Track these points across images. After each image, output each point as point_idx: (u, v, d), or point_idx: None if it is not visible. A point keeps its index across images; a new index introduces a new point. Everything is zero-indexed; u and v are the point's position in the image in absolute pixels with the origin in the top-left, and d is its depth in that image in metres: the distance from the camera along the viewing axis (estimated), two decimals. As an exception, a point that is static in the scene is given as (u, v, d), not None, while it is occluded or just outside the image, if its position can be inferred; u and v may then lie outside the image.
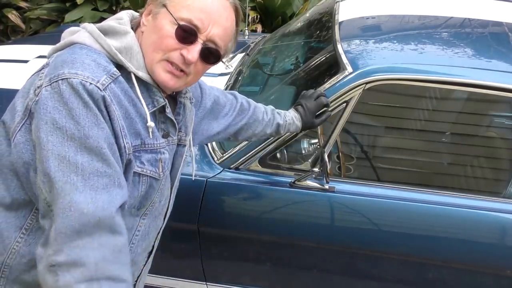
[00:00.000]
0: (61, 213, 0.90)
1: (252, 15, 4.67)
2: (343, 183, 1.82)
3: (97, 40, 1.01)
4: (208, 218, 1.85)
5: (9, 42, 3.76)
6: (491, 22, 2.20)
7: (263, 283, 2.03)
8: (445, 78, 1.74)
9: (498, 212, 1.78)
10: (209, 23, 1.02)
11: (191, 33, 1.01)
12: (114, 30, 1.04)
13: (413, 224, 1.82)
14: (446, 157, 2.04)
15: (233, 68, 2.50)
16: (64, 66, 0.94)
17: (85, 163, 0.91)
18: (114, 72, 0.99)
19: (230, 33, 1.09)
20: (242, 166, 1.84)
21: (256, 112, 1.53)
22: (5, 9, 4.81)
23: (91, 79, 0.93)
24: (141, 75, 1.03)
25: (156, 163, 1.08)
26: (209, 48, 1.05)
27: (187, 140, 1.21)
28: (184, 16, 1.01)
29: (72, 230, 0.89)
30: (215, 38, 1.04)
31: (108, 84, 0.96)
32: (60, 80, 0.92)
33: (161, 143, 1.09)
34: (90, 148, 0.92)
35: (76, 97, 0.91)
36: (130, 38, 1.04)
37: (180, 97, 1.19)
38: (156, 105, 1.07)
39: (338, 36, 1.97)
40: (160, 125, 1.11)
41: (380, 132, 2.08)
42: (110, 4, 4.66)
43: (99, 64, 0.97)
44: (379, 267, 1.91)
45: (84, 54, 0.98)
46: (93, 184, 0.92)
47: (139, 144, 1.03)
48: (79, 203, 0.90)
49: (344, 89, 1.74)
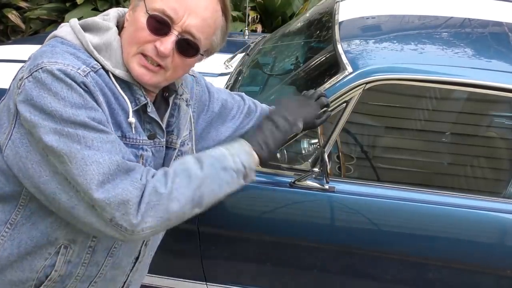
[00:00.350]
0: (79, 171, 0.91)
1: (252, 15, 4.67)
2: (343, 183, 1.82)
3: (77, 36, 1.00)
4: (208, 218, 1.84)
5: (9, 42, 3.76)
6: (491, 22, 2.20)
7: (263, 283, 2.03)
8: (445, 78, 1.74)
9: (498, 212, 1.78)
10: (184, 13, 0.98)
11: (164, 24, 0.98)
12: (97, 25, 1.03)
13: (413, 224, 1.81)
14: (446, 157, 2.04)
15: (233, 68, 2.50)
16: (43, 56, 0.94)
17: (85, 134, 0.92)
18: (94, 65, 0.98)
19: (211, 24, 1.03)
20: (242, 166, 1.83)
21: (263, 114, 1.51)
22: (5, 9, 4.81)
23: (72, 66, 0.93)
24: (118, 72, 1.01)
25: (136, 158, 1.04)
26: (185, 40, 1.00)
27: (178, 143, 1.18)
28: (157, 6, 0.97)
29: (96, 182, 0.91)
30: (191, 29, 0.99)
31: (88, 71, 0.95)
32: (40, 69, 0.92)
33: (144, 139, 1.06)
34: (82, 123, 0.92)
35: (59, 81, 0.91)
36: (110, 34, 1.02)
37: (176, 98, 1.16)
38: (138, 104, 1.04)
39: (338, 36, 1.97)
40: (145, 125, 1.08)
41: (380, 132, 2.08)
42: (110, 4, 4.66)
43: (78, 57, 0.97)
44: (379, 267, 1.91)
45: (64, 48, 0.98)
46: (98, 148, 0.92)
47: (119, 135, 1.01)
48: (93, 156, 0.91)
49: (344, 89, 1.73)
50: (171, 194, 0.97)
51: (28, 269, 1.06)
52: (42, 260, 1.05)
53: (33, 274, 1.06)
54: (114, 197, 0.92)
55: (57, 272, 1.06)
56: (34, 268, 1.06)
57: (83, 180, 0.91)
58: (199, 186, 1.00)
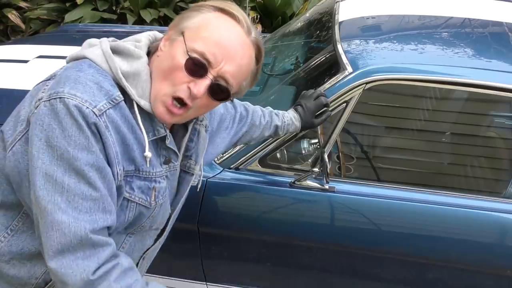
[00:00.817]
0: (45, 232, 0.92)
1: (252, 15, 4.67)
2: (343, 183, 1.82)
3: (107, 61, 0.99)
4: (208, 218, 1.85)
5: (9, 42, 3.76)
6: (491, 22, 2.20)
7: (263, 283, 2.03)
8: (445, 78, 1.74)
9: (498, 212, 1.78)
10: (222, 59, 0.97)
11: (201, 67, 0.97)
12: (129, 52, 1.01)
13: (413, 224, 1.82)
14: (446, 157, 2.04)
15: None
16: (66, 84, 0.93)
17: (72, 185, 0.91)
18: (116, 97, 0.96)
19: (245, 71, 1.04)
20: (242, 166, 1.84)
21: (254, 117, 1.51)
22: (5, 9, 4.81)
23: (88, 103, 0.92)
24: (143, 104, 1.00)
25: (149, 191, 1.05)
26: (218, 85, 1.00)
27: (196, 169, 1.18)
28: (198, 48, 0.96)
29: (54, 250, 0.91)
30: (226, 75, 0.99)
31: (106, 110, 0.94)
32: (59, 99, 0.91)
33: (158, 171, 1.06)
34: (77, 170, 0.91)
35: (71, 118, 0.90)
36: (141, 64, 1.00)
37: (196, 124, 1.16)
38: (157, 135, 1.04)
39: (338, 36, 1.97)
40: (161, 152, 1.07)
41: (380, 132, 2.08)
42: (110, 4, 4.66)
43: (101, 88, 0.95)
44: (379, 267, 1.91)
45: (90, 75, 0.96)
46: (76, 206, 0.92)
47: (132, 169, 1.01)
48: (60, 223, 0.91)
49: (344, 89, 1.74)
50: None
51: (28, 274, 1.06)
52: (44, 266, 1.05)
53: (33, 280, 1.06)
54: (61, 274, 0.93)
55: None
56: (34, 275, 1.06)
57: (45, 241, 0.93)
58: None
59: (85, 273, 0.93)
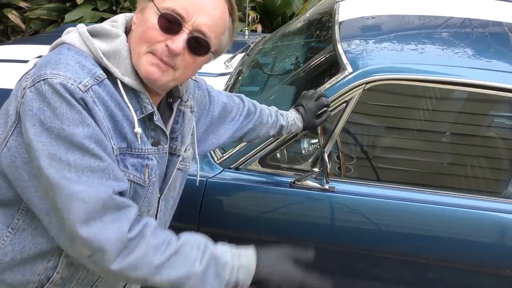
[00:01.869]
0: (66, 207, 0.91)
1: (252, 15, 4.67)
2: (343, 183, 1.82)
3: (85, 42, 0.99)
4: (208, 218, 1.85)
5: (9, 42, 3.76)
6: (491, 22, 2.20)
7: (263, 283, 2.02)
8: (445, 78, 1.74)
9: (498, 212, 1.78)
10: (194, 12, 0.98)
11: (175, 23, 0.97)
12: (106, 32, 1.02)
13: (413, 224, 1.82)
14: (446, 157, 2.04)
15: (233, 68, 2.50)
16: (47, 66, 0.93)
17: (77, 160, 0.91)
18: (99, 75, 0.96)
19: (221, 24, 1.03)
20: (242, 166, 1.84)
21: (261, 115, 1.51)
22: (5, 9, 4.81)
23: (73, 80, 0.92)
24: (127, 80, 1.00)
25: (142, 168, 1.04)
26: (196, 38, 0.99)
27: (182, 150, 1.17)
28: (168, 6, 0.97)
29: (81, 221, 0.91)
30: (202, 28, 0.99)
31: (90, 85, 0.94)
32: (42, 81, 0.91)
33: (149, 148, 1.06)
34: (78, 145, 0.91)
35: (58, 96, 0.90)
36: (120, 42, 1.01)
37: (181, 105, 1.16)
38: (144, 112, 1.03)
39: (338, 36, 1.97)
40: (149, 133, 1.07)
41: (380, 132, 2.08)
42: (110, 4, 4.66)
43: (83, 66, 0.95)
44: (379, 267, 1.91)
45: (70, 56, 0.96)
46: (87, 179, 0.92)
47: (125, 147, 1.01)
48: (78, 193, 0.90)
49: (344, 89, 1.74)
50: (161, 267, 0.97)
51: (30, 272, 1.05)
52: (45, 262, 1.04)
53: (35, 277, 1.05)
54: (96, 241, 0.92)
55: (59, 274, 1.06)
56: (36, 271, 1.05)
57: (68, 215, 0.91)
58: (188, 278, 0.99)
59: (121, 233, 0.93)
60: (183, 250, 0.99)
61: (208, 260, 1.00)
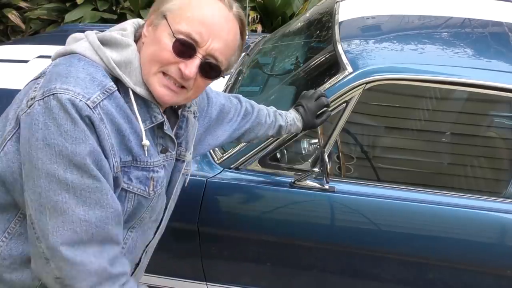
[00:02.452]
0: (55, 231, 0.91)
1: (252, 15, 4.67)
2: (343, 183, 1.82)
3: (97, 52, 0.99)
4: (208, 218, 1.85)
5: (9, 42, 3.76)
6: (491, 22, 2.20)
7: (263, 283, 2.03)
8: (445, 78, 1.74)
9: (498, 212, 1.78)
10: (209, 37, 0.98)
11: (189, 47, 0.97)
12: (116, 41, 1.01)
13: (413, 224, 1.81)
14: (446, 157, 2.04)
15: (233, 68, 2.50)
16: (57, 79, 0.93)
17: (75, 180, 0.91)
18: (110, 87, 0.96)
19: (232, 47, 1.04)
20: (242, 166, 1.84)
21: (259, 115, 1.51)
22: (5, 9, 4.81)
23: (82, 96, 0.91)
24: (139, 91, 1.00)
25: (147, 181, 1.04)
26: (209, 63, 1.00)
27: (187, 156, 1.18)
28: (183, 30, 0.96)
29: (67, 245, 0.91)
30: (215, 53, 1.00)
31: (99, 101, 0.93)
32: (52, 95, 0.90)
33: (155, 161, 1.06)
34: (79, 165, 0.90)
35: (65, 113, 0.89)
36: (131, 52, 1.00)
37: (184, 111, 1.16)
38: (154, 122, 1.04)
39: (338, 36, 1.97)
40: (158, 140, 1.08)
41: (380, 132, 2.08)
42: (110, 4, 4.66)
43: (94, 79, 0.94)
44: (379, 267, 1.91)
45: (81, 67, 0.95)
46: (85, 200, 0.92)
47: (130, 160, 1.01)
48: (72, 222, 0.91)
49: (344, 89, 1.74)
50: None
51: (30, 278, 1.05)
52: None
53: (36, 282, 1.05)
54: (74, 266, 0.92)
55: None
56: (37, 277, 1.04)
57: (52, 237, 0.91)
58: None
59: (102, 268, 0.94)
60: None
61: None
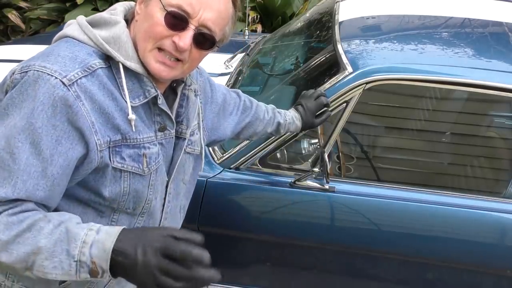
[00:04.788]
0: None
1: (252, 15, 4.66)
2: (343, 183, 1.82)
3: (85, 32, 1.00)
4: (208, 218, 1.85)
5: (9, 42, 3.76)
6: (491, 22, 2.20)
7: (263, 283, 2.03)
8: (445, 78, 1.74)
9: (498, 212, 1.78)
10: (200, 8, 0.98)
11: (181, 19, 0.98)
12: (105, 20, 1.02)
13: (413, 224, 1.81)
14: (446, 157, 2.04)
15: (233, 68, 2.50)
16: (39, 58, 0.95)
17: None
18: (92, 65, 0.96)
19: (225, 17, 1.04)
20: (242, 166, 1.84)
21: (258, 110, 1.52)
22: (5, 9, 4.81)
23: (58, 73, 0.92)
24: (129, 64, 1.00)
25: (139, 158, 1.04)
26: (202, 34, 1.00)
27: (187, 134, 1.18)
28: (174, 2, 0.97)
29: None
30: (207, 23, 1.00)
31: (76, 79, 0.93)
32: (28, 71, 0.93)
33: (146, 137, 1.05)
34: (8, 137, 0.90)
35: (33, 89, 0.91)
36: (119, 28, 1.01)
37: (185, 89, 1.16)
38: (148, 96, 1.03)
39: (338, 36, 1.97)
40: (155, 118, 1.07)
41: (380, 132, 2.08)
42: (110, 4, 4.66)
43: (75, 57, 0.96)
44: (379, 267, 1.91)
45: (64, 47, 0.97)
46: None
47: (119, 139, 1.00)
48: None
49: (344, 89, 1.74)
50: (8, 243, 0.88)
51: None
52: None
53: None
54: None
55: None
56: None
57: None
58: (36, 254, 0.89)
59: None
60: (36, 225, 0.89)
61: (59, 234, 0.88)
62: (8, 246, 0.88)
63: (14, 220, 0.89)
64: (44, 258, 0.88)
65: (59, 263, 0.87)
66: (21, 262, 0.89)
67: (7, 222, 0.88)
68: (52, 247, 0.88)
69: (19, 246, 0.88)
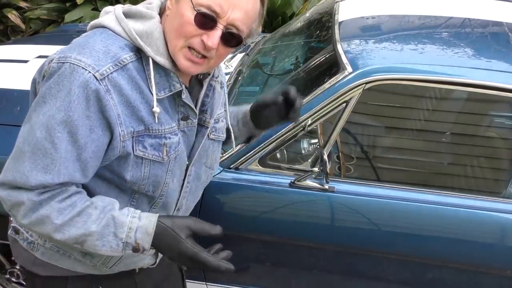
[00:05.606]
0: (6, 169, 1.03)
1: (252, 15, 4.66)
2: (343, 183, 1.82)
3: (120, 24, 1.05)
4: (208, 218, 1.84)
5: (9, 42, 3.76)
6: (491, 22, 2.20)
7: (263, 283, 2.03)
8: (445, 78, 1.74)
9: (498, 212, 1.78)
10: (228, 8, 1.02)
11: (210, 19, 1.02)
12: (141, 14, 1.07)
13: (413, 224, 1.81)
14: (446, 157, 2.04)
15: (233, 68, 2.50)
16: (75, 49, 1.01)
17: (39, 139, 0.99)
18: (123, 59, 1.02)
19: (252, 15, 1.07)
20: (242, 166, 1.84)
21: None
22: (5, 9, 4.81)
23: (91, 68, 0.98)
24: (159, 60, 1.05)
25: (160, 147, 1.11)
26: (230, 33, 1.05)
27: (211, 122, 1.23)
28: (203, 2, 1.01)
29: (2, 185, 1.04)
30: (236, 22, 1.04)
31: (108, 73, 1.00)
32: (65, 63, 0.99)
33: (167, 128, 1.11)
34: (49, 127, 0.98)
35: (68, 82, 0.97)
36: (153, 23, 1.06)
37: (212, 81, 1.22)
38: (173, 90, 1.09)
39: (338, 36, 1.97)
40: (179, 108, 1.14)
41: (380, 132, 2.08)
42: (110, 4, 4.66)
43: (108, 51, 1.01)
44: (379, 267, 1.91)
45: (99, 40, 1.03)
46: (36, 159, 1.00)
47: (143, 129, 1.07)
48: (17, 171, 1.00)
49: (344, 89, 1.74)
50: (62, 226, 1.04)
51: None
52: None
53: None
54: (9, 201, 1.04)
55: None
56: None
57: (2, 173, 1.04)
58: (86, 235, 1.06)
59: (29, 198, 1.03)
60: (85, 212, 1.05)
61: (107, 220, 1.05)
62: (62, 228, 1.03)
63: (64, 206, 1.03)
64: (95, 239, 1.05)
65: (107, 242, 1.06)
66: (73, 240, 1.05)
67: (59, 208, 1.03)
68: (101, 231, 1.05)
69: (71, 228, 1.04)
